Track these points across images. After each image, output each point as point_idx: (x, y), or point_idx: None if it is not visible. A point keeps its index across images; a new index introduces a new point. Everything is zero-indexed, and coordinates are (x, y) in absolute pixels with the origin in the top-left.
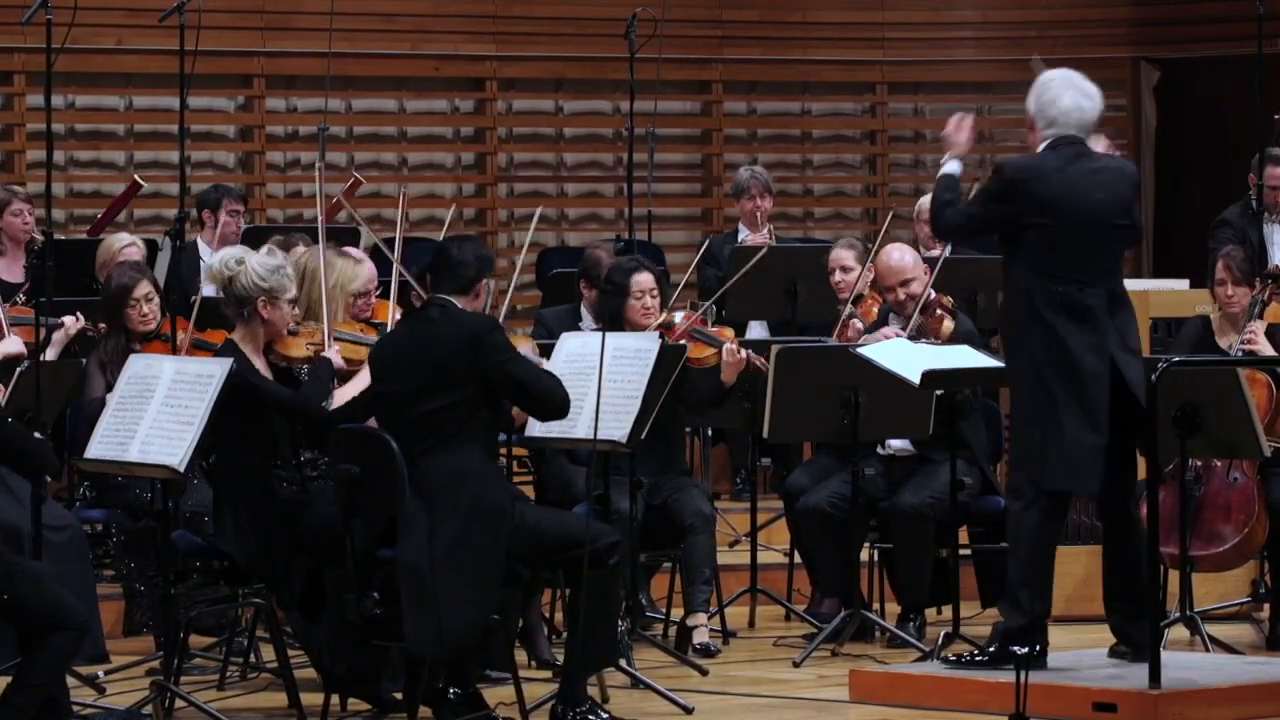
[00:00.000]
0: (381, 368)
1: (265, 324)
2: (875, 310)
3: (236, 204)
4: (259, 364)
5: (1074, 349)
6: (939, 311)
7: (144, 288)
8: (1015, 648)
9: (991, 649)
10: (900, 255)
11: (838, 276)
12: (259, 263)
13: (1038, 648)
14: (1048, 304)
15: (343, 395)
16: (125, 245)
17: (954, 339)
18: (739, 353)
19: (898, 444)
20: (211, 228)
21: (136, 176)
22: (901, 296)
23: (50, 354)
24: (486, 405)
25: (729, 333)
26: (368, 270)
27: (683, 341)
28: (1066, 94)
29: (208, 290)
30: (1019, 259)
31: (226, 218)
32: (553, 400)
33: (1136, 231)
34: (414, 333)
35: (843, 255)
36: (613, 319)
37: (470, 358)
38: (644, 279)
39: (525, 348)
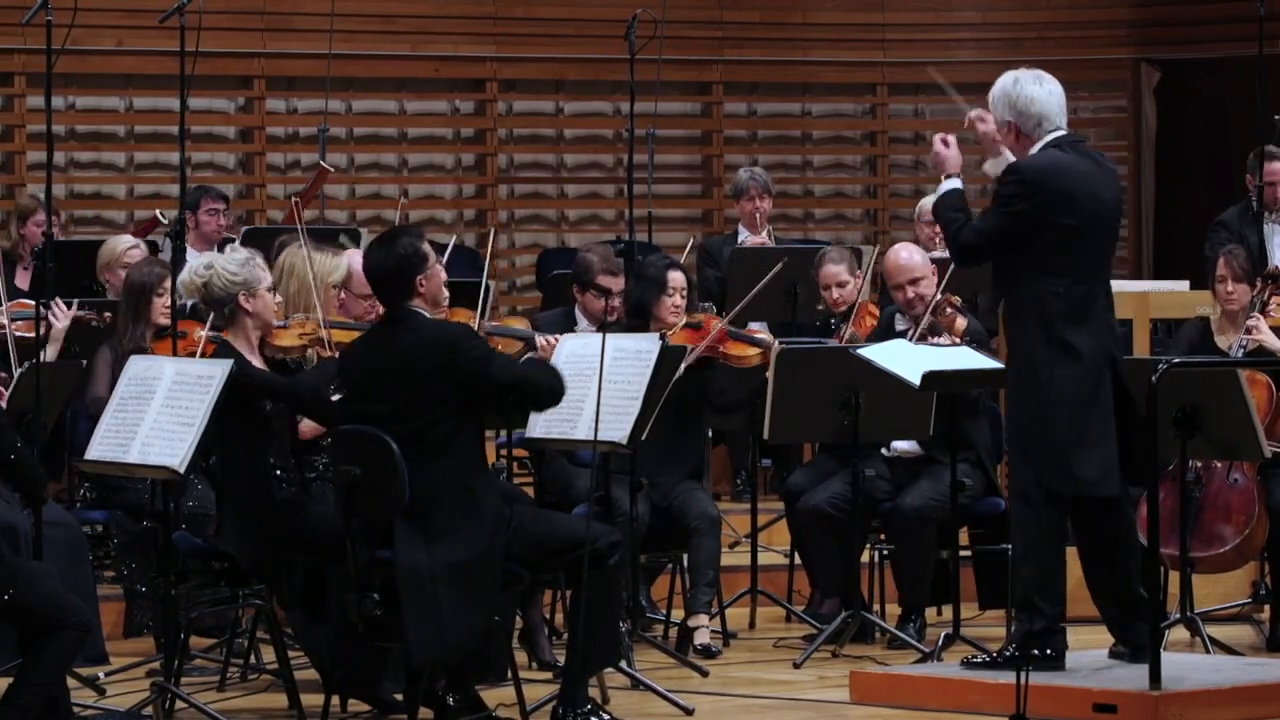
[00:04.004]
0: (356, 387)
1: (251, 316)
2: (869, 322)
3: (215, 202)
4: (255, 360)
5: (1088, 351)
6: (949, 310)
7: (169, 282)
8: (1035, 650)
9: (1010, 651)
10: (909, 254)
11: (834, 294)
12: (226, 261)
13: (1055, 650)
14: (1060, 305)
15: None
16: (129, 247)
17: (965, 336)
18: None
19: (903, 445)
20: (194, 229)
21: (159, 213)
22: (910, 295)
23: (50, 350)
24: (472, 414)
25: (763, 332)
26: (348, 263)
27: (704, 343)
28: (1038, 89)
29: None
30: (1024, 260)
31: (205, 216)
32: (542, 390)
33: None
34: (385, 347)
35: (836, 272)
36: (639, 310)
37: (450, 372)
38: (679, 277)
39: (516, 326)
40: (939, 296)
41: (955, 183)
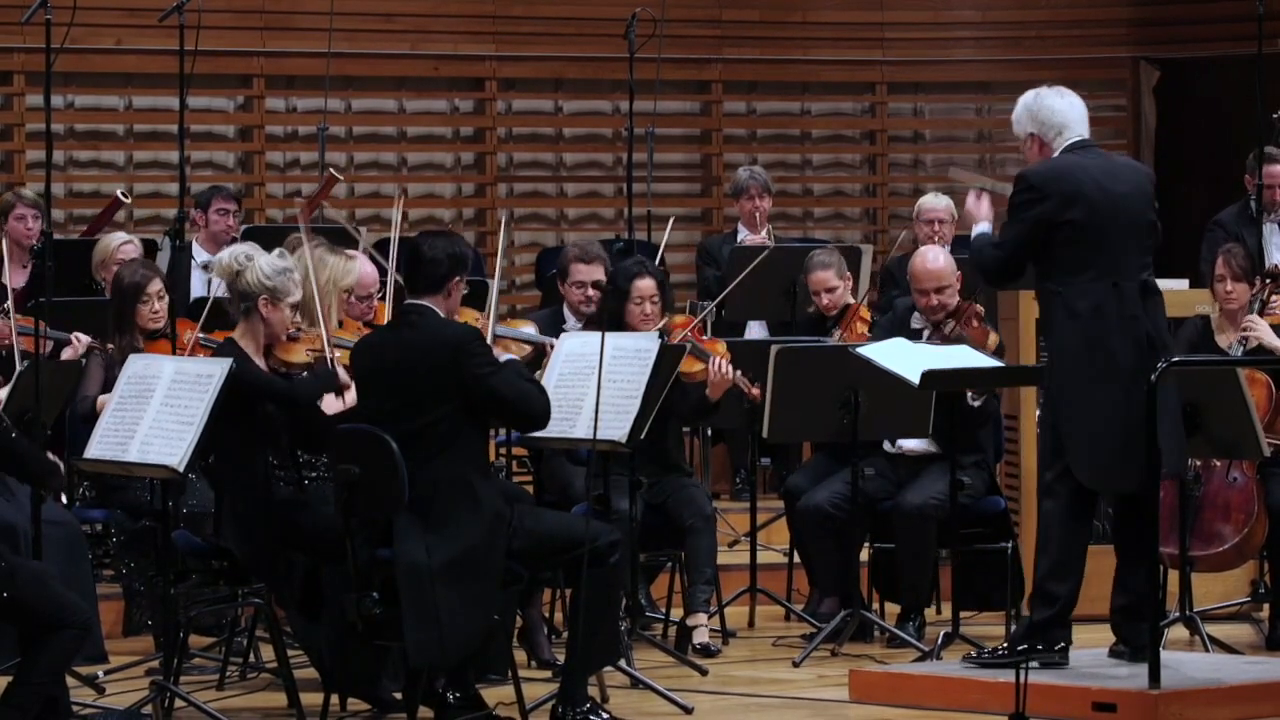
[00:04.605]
0: (362, 382)
1: (265, 323)
2: (860, 327)
3: (226, 202)
4: (258, 363)
5: (1113, 346)
6: (975, 322)
7: (156, 285)
8: (1039, 645)
9: (1016, 645)
10: (936, 257)
11: (824, 299)
12: (267, 262)
13: (1061, 644)
14: (1083, 300)
15: (330, 407)
16: (122, 243)
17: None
18: (726, 373)
19: (911, 444)
20: (203, 228)
21: (119, 193)
22: (934, 302)
23: None
24: (473, 415)
25: (720, 347)
26: (359, 268)
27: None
28: (1059, 100)
29: (198, 290)
30: (1049, 261)
31: (215, 216)
32: (531, 412)
33: (1159, 231)
34: (393, 344)
35: (825, 277)
36: (612, 321)
37: (454, 373)
38: (645, 285)
39: (528, 328)
40: (962, 304)
41: (984, 226)
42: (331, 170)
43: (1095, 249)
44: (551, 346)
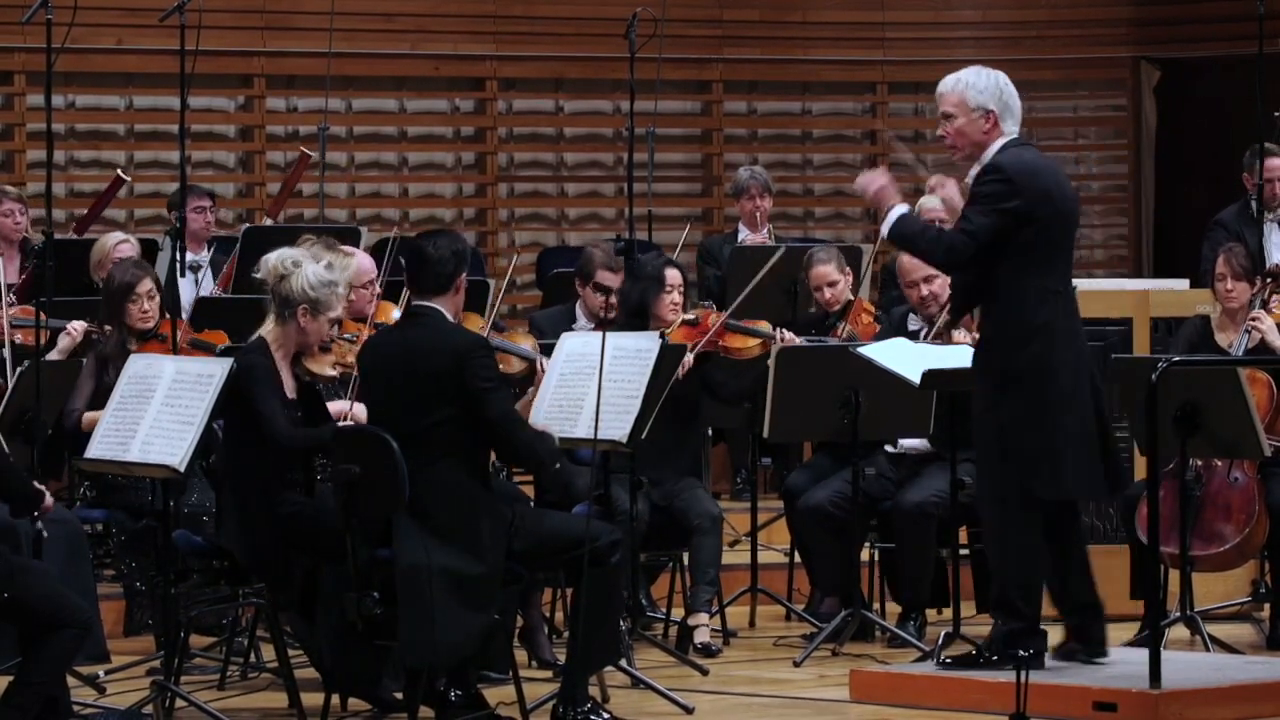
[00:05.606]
0: (366, 381)
1: (301, 332)
2: (865, 319)
3: (200, 200)
4: (284, 370)
5: (1074, 350)
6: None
7: (146, 284)
8: (1017, 650)
9: (990, 652)
10: None
11: (826, 294)
12: (314, 272)
13: (1035, 651)
14: (1044, 304)
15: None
16: (119, 242)
17: None
18: (790, 339)
19: (910, 442)
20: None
21: (120, 172)
22: (924, 293)
23: (56, 359)
24: (475, 419)
25: (763, 323)
26: (356, 263)
27: (703, 339)
28: (1015, 92)
29: (186, 290)
30: (1007, 261)
31: (193, 215)
32: (520, 448)
33: None
34: (399, 345)
35: (826, 272)
36: (639, 310)
37: (457, 377)
38: (674, 274)
39: (525, 345)
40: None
41: (903, 208)
42: (303, 149)
43: (1060, 251)
44: (544, 369)
